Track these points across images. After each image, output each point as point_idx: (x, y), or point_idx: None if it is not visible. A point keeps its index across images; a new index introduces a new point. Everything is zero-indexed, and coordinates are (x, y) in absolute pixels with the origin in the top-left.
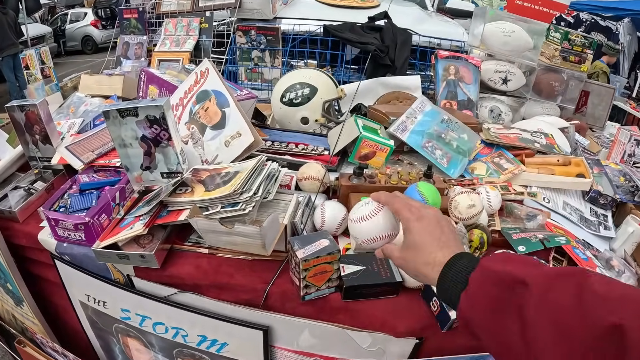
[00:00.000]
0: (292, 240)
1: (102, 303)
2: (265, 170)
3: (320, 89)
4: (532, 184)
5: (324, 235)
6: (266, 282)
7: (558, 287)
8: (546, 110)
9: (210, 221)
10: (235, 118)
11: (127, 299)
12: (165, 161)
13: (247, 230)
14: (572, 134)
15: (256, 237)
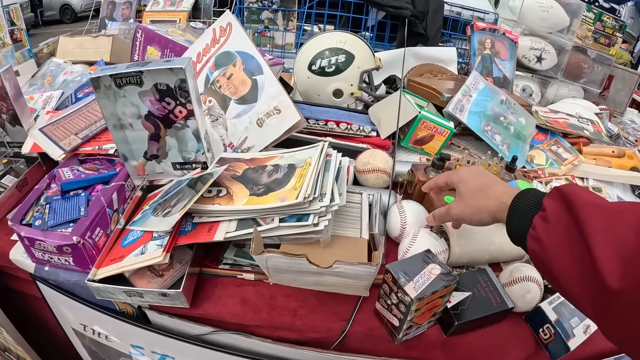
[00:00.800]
0: (395, 271)
1: (104, 336)
2: (332, 163)
3: (357, 57)
4: (590, 176)
5: (430, 258)
6: (342, 319)
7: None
8: (572, 92)
9: (294, 260)
10: (271, 89)
11: (139, 334)
12: (179, 147)
13: (357, 271)
14: (605, 120)
15: (365, 279)
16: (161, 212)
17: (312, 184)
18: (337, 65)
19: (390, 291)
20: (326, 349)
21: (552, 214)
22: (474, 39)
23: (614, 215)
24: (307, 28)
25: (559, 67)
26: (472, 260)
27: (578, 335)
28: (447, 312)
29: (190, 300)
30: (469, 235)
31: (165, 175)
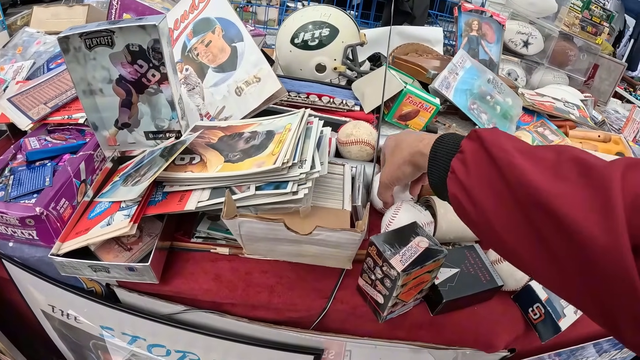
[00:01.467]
0: (380, 243)
1: (74, 317)
2: (313, 130)
3: (342, 31)
4: None
5: (417, 230)
6: (323, 296)
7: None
8: (557, 79)
9: (271, 225)
10: (251, 57)
11: (108, 315)
12: (152, 115)
13: (340, 239)
14: (589, 108)
15: (349, 247)
16: (131, 182)
17: (292, 149)
18: (321, 39)
19: (375, 265)
20: (306, 328)
21: (471, 155)
22: (461, 20)
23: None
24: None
25: (545, 53)
26: (459, 237)
27: (569, 315)
28: (434, 289)
29: (160, 275)
30: None
31: (138, 146)
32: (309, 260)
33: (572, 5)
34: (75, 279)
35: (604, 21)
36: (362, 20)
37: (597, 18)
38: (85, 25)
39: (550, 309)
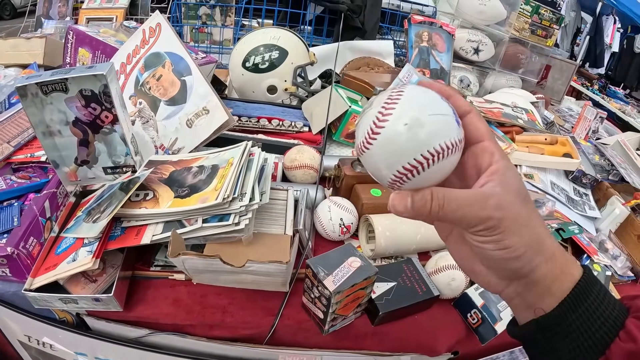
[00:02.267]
0: (314, 265)
1: (49, 345)
2: (254, 162)
3: (291, 53)
4: (523, 164)
5: (350, 252)
6: (271, 314)
7: None
8: (510, 82)
9: (208, 260)
10: (199, 89)
11: (80, 342)
12: (109, 152)
13: (269, 269)
14: (541, 109)
15: (278, 276)
16: (92, 219)
17: (232, 184)
18: (271, 62)
19: (312, 285)
20: (259, 344)
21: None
22: (411, 32)
23: None
24: (245, 23)
25: (497, 58)
26: (399, 251)
27: (505, 319)
28: (372, 303)
29: (123, 303)
30: (394, 226)
31: (98, 180)
32: (249, 286)
33: (521, 11)
34: (48, 310)
35: (553, 24)
36: (315, 36)
37: (547, 21)
38: (40, 74)
39: (486, 313)
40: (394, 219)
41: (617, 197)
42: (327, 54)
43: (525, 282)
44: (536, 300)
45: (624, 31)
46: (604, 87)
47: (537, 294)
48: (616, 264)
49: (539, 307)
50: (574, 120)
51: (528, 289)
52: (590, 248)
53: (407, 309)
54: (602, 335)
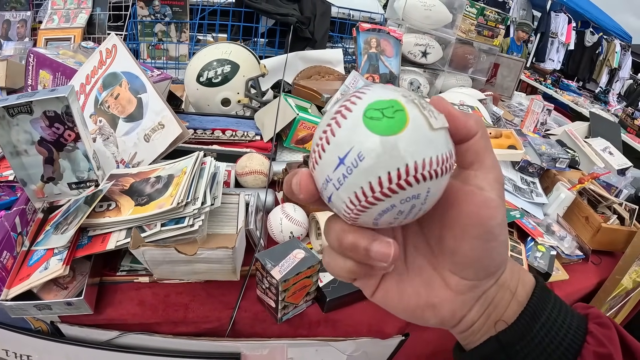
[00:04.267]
0: (262, 258)
1: (27, 357)
2: (206, 169)
3: (242, 66)
4: None
5: (295, 245)
6: (230, 307)
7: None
8: (460, 81)
9: (164, 249)
10: (154, 106)
11: (56, 349)
12: (73, 168)
13: (218, 255)
14: (489, 105)
15: (227, 262)
16: (60, 230)
17: (186, 190)
18: (224, 75)
19: (262, 277)
20: (221, 337)
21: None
22: (359, 40)
23: None
24: (200, 38)
25: (445, 60)
26: None
27: None
28: (320, 291)
29: (94, 306)
30: None
31: (63, 196)
32: (203, 277)
33: (466, 13)
34: (24, 321)
35: (499, 24)
36: (268, 48)
37: (493, 22)
38: (6, 98)
39: None
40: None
41: (562, 183)
42: (278, 65)
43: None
44: (502, 309)
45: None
46: (556, 81)
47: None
48: (563, 244)
49: (501, 320)
50: (523, 114)
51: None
52: (535, 231)
53: (354, 294)
54: (569, 342)
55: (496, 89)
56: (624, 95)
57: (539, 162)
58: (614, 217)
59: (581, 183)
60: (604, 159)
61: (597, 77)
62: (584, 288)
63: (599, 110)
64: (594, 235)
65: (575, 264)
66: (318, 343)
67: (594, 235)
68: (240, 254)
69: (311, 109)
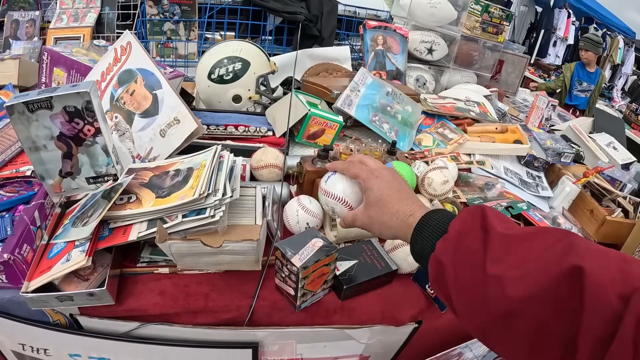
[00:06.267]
0: (282, 247)
1: (44, 351)
2: (225, 162)
3: (253, 63)
4: (476, 152)
5: (313, 234)
6: (248, 296)
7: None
8: (465, 78)
9: (190, 242)
10: (170, 101)
11: (74, 342)
12: (91, 163)
13: (242, 247)
14: (494, 101)
15: (251, 253)
16: (80, 223)
17: (207, 182)
18: (235, 73)
19: (282, 265)
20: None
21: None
22: (366, 37)
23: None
24: (209, 36)
25: (450, 57)
26: (359, 235)
27: None
28: (337, 279)
29: (115, 297)
30: None
31: (81, 190)
32: (227, 267)
33: (471, 10)
34: (43, 314)
35: (503, 21)
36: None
37: (497, 19)
38: (27, 94)
39: None
40: None
41: (567, 177)
42: (287, 62)
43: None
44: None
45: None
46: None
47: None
48: None
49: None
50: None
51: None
52: (541, 224)
53: (369, 282)
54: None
55: (501, 85)
56: (628, 92)
57: (545, 156)
58: (618, 210)
59: (586, 177)
60: (608, 153)
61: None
62: None
63: (603, 106)
64: (598, 228)
65: None
66: (332, 333)
67: (598, 228)
68: (262, 245)
69: (321, 104)
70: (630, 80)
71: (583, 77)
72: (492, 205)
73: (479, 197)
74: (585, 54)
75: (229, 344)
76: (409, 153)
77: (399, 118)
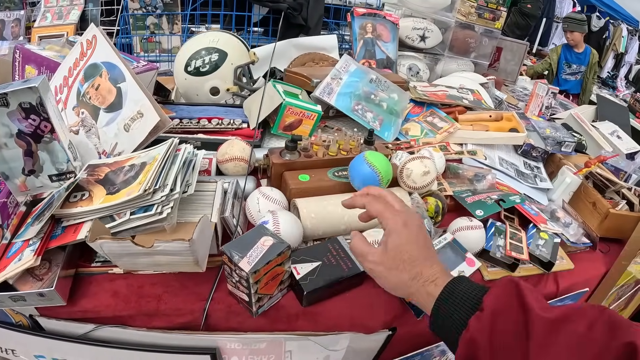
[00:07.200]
0: (229, 250)
1: (10, 351)
2: (179, 156)
3: (230, 54)
4: (468, 142)
5: (262, 232)
6: (203, 299)
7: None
8: (461, 66)
9: (121, 242)
10: (133, 94)
11: (37, 344)
12: (52, 160)
13: (173, 247)
14: (491, 89)
15: (186, 254)
16: (38, 222)
17: (154, 177)
18: (212, 64)
19: (231, 270)
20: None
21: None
22: (354, 25)
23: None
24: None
25: (445, 44)
26: (328, 232)
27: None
28: (298, 284)
29: (67, 297)
30: (320, 208)
31: (45, 189)
32: (167, 269)
33: None
34: (5, 315)
35: (500, 6)
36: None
37: (493, 4)
38: None
39: None
40: (320, 201)
41: (567, 167)
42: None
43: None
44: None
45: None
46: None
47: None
48: (568, 231)
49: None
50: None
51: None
52: (538, 218)
53: (334, 286)
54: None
55: (500, 74)
56: (633, 81)
57: (543, 145)
58: (622, 203)
59: (587, 167)
60: (612, 142)
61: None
62: (592, 278)
63: (607, 95)
64: (601, 221)
65: (582, 252)
66: (296, 339)
67: (601, 222)
68: (204, 245)
69: (302, 95)
70: (634, 70)
71: (571, 59)
72: (481, 199)
73: (467, 189)
74: (571, 35)
75: (185, 349)
76: (393, 143)
77: (384, 106)
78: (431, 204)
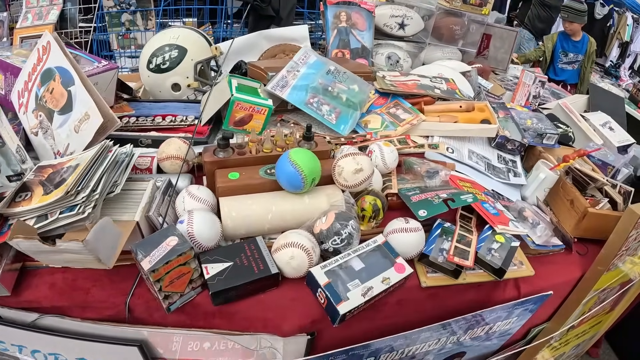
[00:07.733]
0: (135, 248)
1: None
2: (108, 158)
3: (190, 50)
4: (433, 134)
5: (171, 232)
6: (125, 294)
7: None
8: (447, 55)
9: (31, 241)
10: (81, 97)
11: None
12: (7, 162)
13: (72, 247)
14: (474, 78)
15: (85, 253)
16: None
17: (78, 179)
18: (171, 60)
19: (140, 268)
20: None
21: None
22: (327, 14)
23: None
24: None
25: (428, 32)
26: (251, 231)
27: (353, 299)
28: (206, 284)
29: (11, 288)
30: (243, 207)
31: (6, 188)
32: (76, 265)
33: None
34: None
35: None
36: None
37: None
38: None
39: (329, 293)
40: (245, 200)
41: (543, 162)
42: (243, 45)
43: None
44: None
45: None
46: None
47: None
48: (535, 232)
49: None
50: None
51: None
52: (498, 218)
53: (244, 287)
54: None
55: (489, 62)
56: (637, 70)
57: (519, 137)
58: (604, 201)
59: (565, 161)
60: (603, 134)
61: (607, 50)
62: (564, 282)
63: (609, 85)
64: (579, 221)
65: (557, 254)
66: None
67: (579, 222)
68: (105, 243)
69: (261, 89)
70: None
71: (568, 48)
72: (428, 197)
73: (417, 186)
74: (570, 25)
75: (115, 340)
76: (348, 137)
77: (342, 99)
78: (369, 204)
